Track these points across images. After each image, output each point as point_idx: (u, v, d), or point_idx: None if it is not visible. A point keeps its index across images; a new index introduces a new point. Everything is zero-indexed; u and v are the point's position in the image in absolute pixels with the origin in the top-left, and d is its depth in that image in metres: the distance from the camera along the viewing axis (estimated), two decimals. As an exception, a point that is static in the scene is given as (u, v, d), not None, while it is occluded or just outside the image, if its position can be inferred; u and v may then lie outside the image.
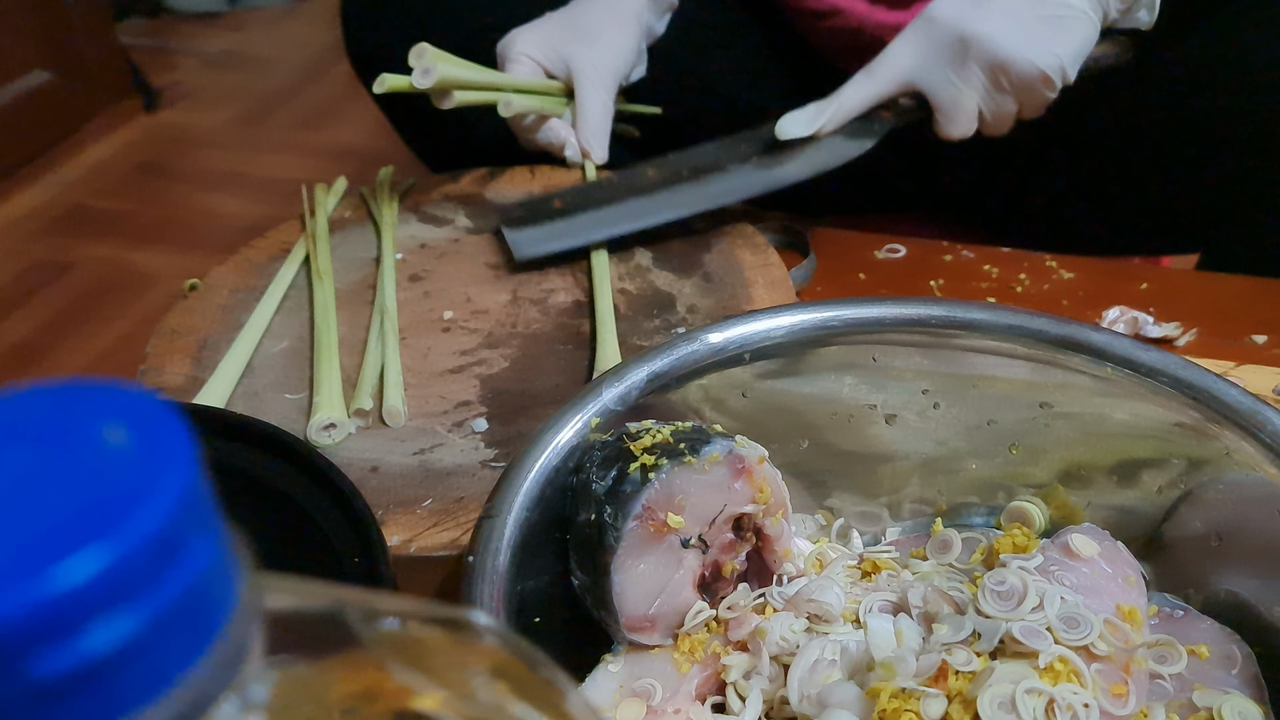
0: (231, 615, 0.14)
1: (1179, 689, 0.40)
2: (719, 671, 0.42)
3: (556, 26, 0.84)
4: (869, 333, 0.51)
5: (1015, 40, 0.69)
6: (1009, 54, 0.68)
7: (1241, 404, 0.45)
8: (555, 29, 0.84)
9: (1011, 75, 0.70)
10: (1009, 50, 0.68)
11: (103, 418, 0.14)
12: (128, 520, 0.12)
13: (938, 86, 0.71)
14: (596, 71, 0.82)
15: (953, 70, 0.70)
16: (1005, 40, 0.68)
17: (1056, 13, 0.69)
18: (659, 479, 0.41)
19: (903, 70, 0.72)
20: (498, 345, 0.69)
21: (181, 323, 0.70)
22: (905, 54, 0.72)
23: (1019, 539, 0.45)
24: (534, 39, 0.83)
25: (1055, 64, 0.69)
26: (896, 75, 0.72)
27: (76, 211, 1.52)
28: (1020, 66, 0.69)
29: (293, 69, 1.95)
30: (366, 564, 0.43)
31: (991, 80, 0.70)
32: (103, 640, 0.12)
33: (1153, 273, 0.80)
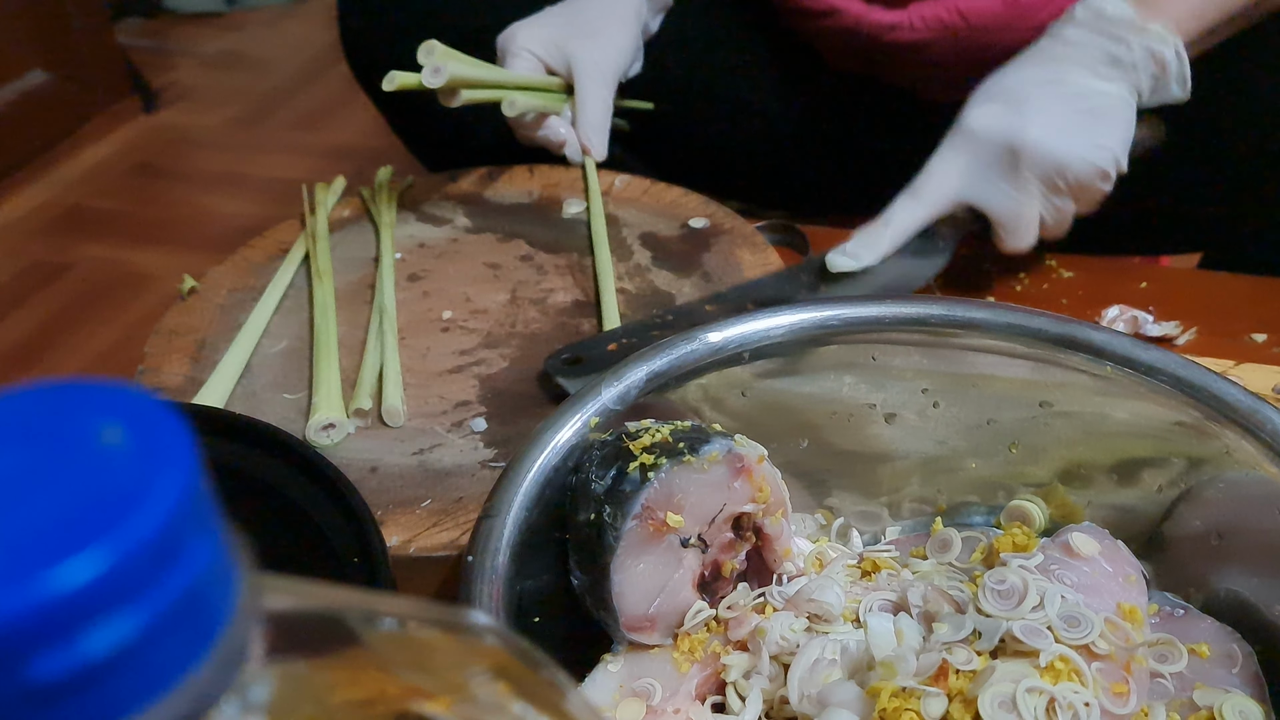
0: (231, 616, 0.14)
1: (1180, 688, 0.40)
2: (719, 671, 0.42)
3: (557, 22, 0.84)
4: (868, 332, 0.50)
5: (1065, 141, 0.65)
6: (1063, 157, 0.65)
7: (1241, 402, 0.45)
8: (556, 24, 0.83)
9: (1069, 177, 0.66)
10: (1062, 153, 0.65)
11: (101, 418, 0.13)
12: (127, 522, 0.12)
13: (994, 201, 0.68)
14: (598, 68, 0.82)
15: (1007, 183, 0.67)
16: (1056, 143, 0.65)
17: (1097, 104, 0.67)
18: (658, 478, 0.41)
19: (951, 189, 0.68)
20: (497, 345, 0.69)
21: (180, 323, 0.70)
22: (951, 172, 0.68)
23: (1019, 538, 0.45)
24: (536, 34, 0.82)
25: (1109, 157, 0.66)
26: (945, 195, 0.69)
27: (75, 212, 1.52)
28: (1077, 167, 0.66)
29: (291, 69, 1.95)
30: (365, 564, 0.43)
31: (1049, 186, 0.67)
32: (102, 642, 0.12)
33: (1152, 272, 0.80)
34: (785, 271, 0.73)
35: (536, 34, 0.83)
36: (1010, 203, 0.68)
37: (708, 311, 0.70)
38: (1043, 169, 0.66)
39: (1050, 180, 0.67)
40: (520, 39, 0.82)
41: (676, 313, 0.70)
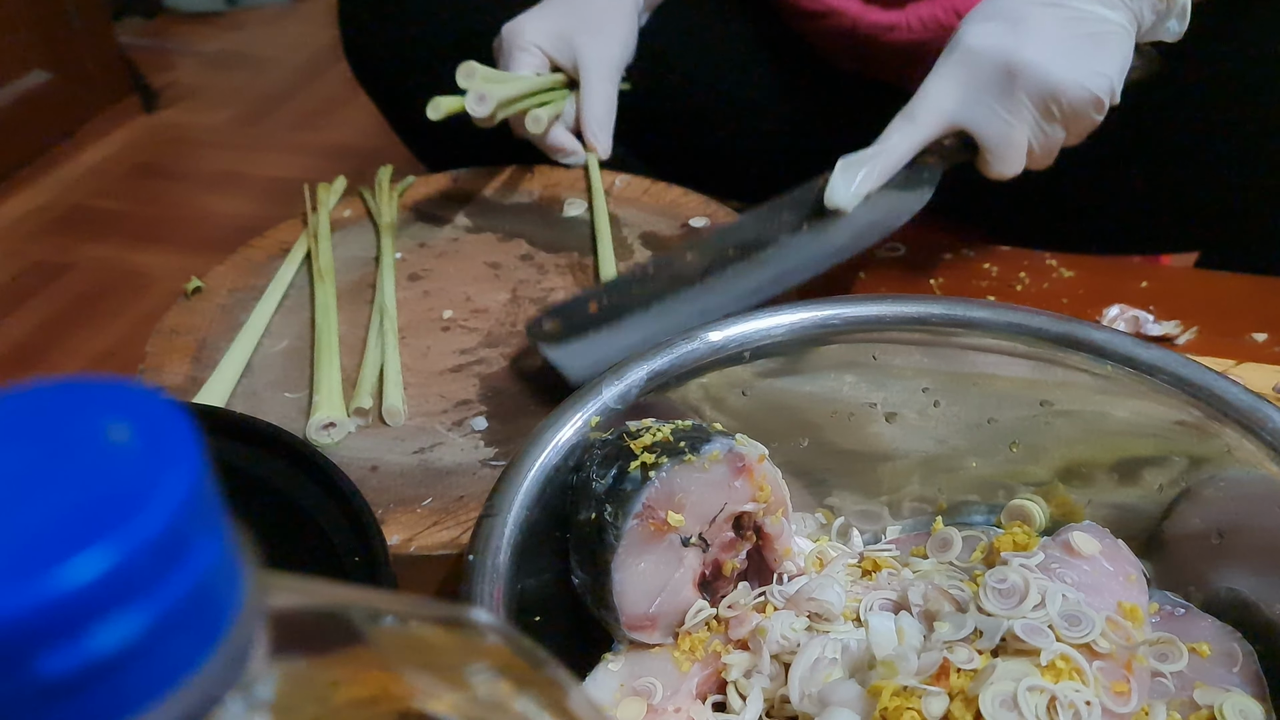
0: (237, 615, 0.14)
1: (1180, 687, 0.40)
2: (719, 670, 0.42)
3: (561, 15, 0.83)
4: (869, 331, 0.51)
5: (1063, 64, 0.63)
6: (1059, 80, 0.63)
7: (1242, 401, 0.45)
8: (561, 18, 0.83)
9: (1063, 103, 0.64)
10: (1059, 76, 0.63)
11: (107, 415, 0.14)
12: (133, 519, 0.12)
13: (985, 123, 0.65)
14: (603, 64, 0.82)
15: (1000, 104, 0.64)
16: (1053, 66, 0.63)
17: (1096, 29, 0.64)
18: (659, 477, 0.41)
19: (945, 111, 0.66)
20: (498, 344, 0.69)
21: (181, 322, 0.70)
22: (946, 92, 0.66)
23: (1019, 537, 0.45)
24: (543, 29, 0.82)
25: (1105, 85, 0.64)
26: (940, 117, 0.66)
27: (75, 212, 1.52)
28: (1073, 92, 0.64)
29: (291, 69, 1.95)
30: (366, 563, 0.43)
31: (1042, 110, 0.65)
32: (108, 639, 0.12)
33: (1153, 271, 0.80)
34: (765, 209, 0.69)
35: (543, 28, 0.82)
36: (1002, 126, 0.65)
37: (688, 260, 0.67)
38: (1038, 92, 0.64)
39: (1044, 104, 0.65)
40: (528, 34, 0.81)
41: (656, 264, 0.67)
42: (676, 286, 0.65)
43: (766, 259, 0.66)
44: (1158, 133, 0.82)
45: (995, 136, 0.66)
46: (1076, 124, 0.67)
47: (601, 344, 0.63)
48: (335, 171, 0.88)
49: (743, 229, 0.69)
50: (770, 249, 0.67)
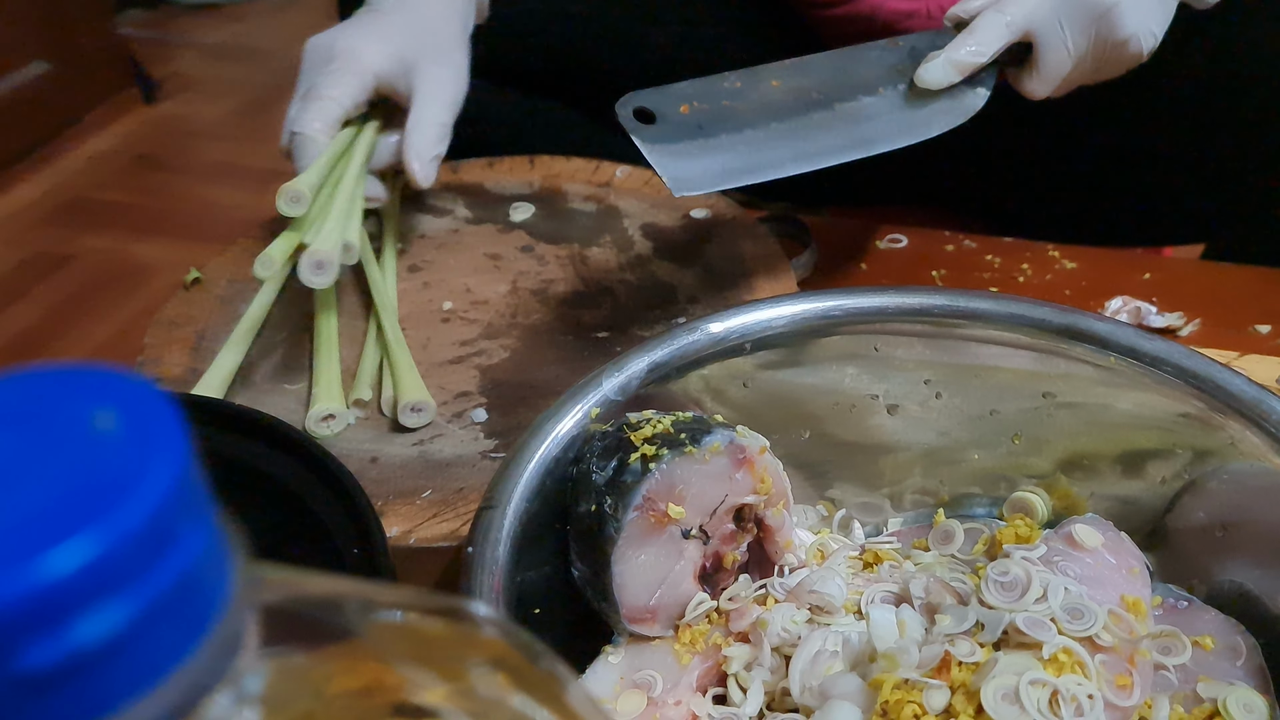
0: (225, 606, 0.14)
1: (1183, 680, 0.40)
2: (720, 663, 0.42)
3: (405, 40, 0.74)
4: (871, 322, 0.50)
5: (1137, 17, 0.64)
6: (1130, 30, 0.64)
7: (1246, 394, 0.44)
8: (405, 43, 0.74)
9: (1119, 51, 0.66)
10: (1133, 26, 0.64)
11: (94, 403, 0.13)
12: (118, 508, 0.12)
13: (1052, 43, 0.65)
14: (445, 95, 0.74)
15: (1071, 31, 0.65)
16: (1130, 15, 0.64)
17: None
18: (660, 469, 0.41)
19: (1033, 18, 0.65)
20: (497, 336, 0.68)
21: (180, 313, 0.70)
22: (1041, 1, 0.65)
23: (1022, 530, 0.45)
24: (385, 52, 0.73)
25: (1152, 45, 0.66)
26: (1027, 20, 0.65)
27: (76, 203, 1.52)
28: (1131, 45, 0.65)
29: (292, 60, 1.94)
30: (366, 555, 0.43)
31: (1097, 50, 0.66)
32: (92, 631, 0.12)
33: (1156, 262, 0.80)
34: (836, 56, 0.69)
35: (386, 52, 0.73)
36: (1063, 51, 0.66)
37: (774, 87, 0.67)
38: (1109, 34, 0.65)
39: (1105, 45, 0.66)
40: (368, 58, 0.72)
41: (741, 78, 0.67)
42: (767, 116, 0.66)
43: (848, 114, 0.67)
44: (1162, 124, 0.82)
45: (1052, 58, 0.66)
46: (1108, 70, 0.68)
47: (700, 156, 0.63)
48: (335, 163, 0.88)
49: (822, 70, 0.69)
50: (850, 104, 0.67)
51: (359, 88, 0.72)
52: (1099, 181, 0.88)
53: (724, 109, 0.65)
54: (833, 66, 0.69)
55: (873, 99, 0.68)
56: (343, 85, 0.71)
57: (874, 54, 0.69)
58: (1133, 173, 0.86)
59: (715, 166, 0.62)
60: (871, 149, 0.65)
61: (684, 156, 0.62)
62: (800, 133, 0.66)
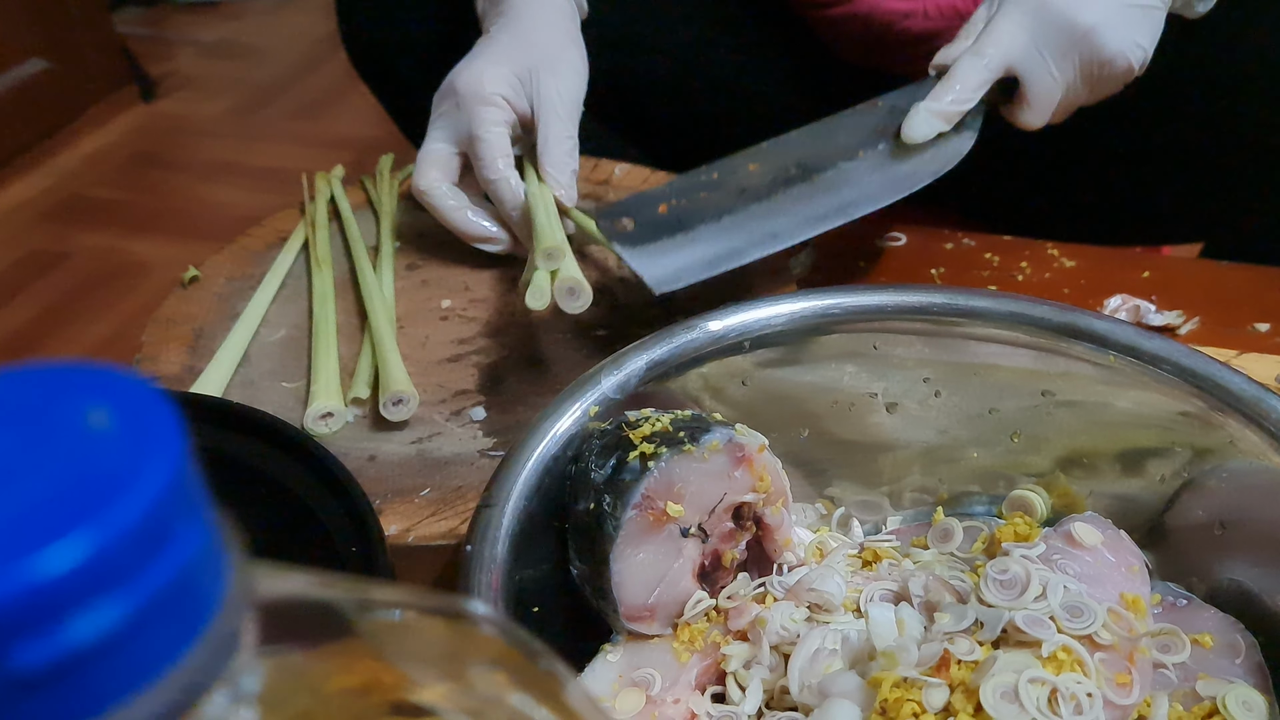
0: (221, 605, 0.14)
1: (1183, 678, 0.40)
2: (719, 661, 0.42)
3: (517, 56, 0.73)
4: (870, 320, 0.50)
5: (1120, 34, 0.65)
6: (1113, 48, 0.65)
7: (1245, 392, 0.44)
8: (518, 59, 0.73)
9: (1108, 70, 0.66)
10: (1114, 44, 0.65)
11: (88, 401, 0.13)
12: (112, 506, 0.12)
13: (1036, 74, 0.66)
14: (565, 103, 0.73)
15: (1054, 59, 0.66)
16: (1112, 34, 0.65)
17: (1145, 1, 0.66)
18: (658, 467, 0.41)
19: (1010, 54, 0.67)
20: (496, 334, 0.68)
21: (177, 311, 0.70)
22: (1016, 36, 0.66)
23: (1021, 528, 0.45)
24: (502, 75, 0.71)
25: (1141, 58, 0.66)
26: (1005, 58, 0.67)
27: (73, 201, 1.52)
28: (1118, 62, 0.66)
29: (290, 59, 1.95)
30: (364, 553, 0.43)
31: (1085, 73, 0.67)
32: (86, 630, 0.12)
33: (1155, 261, 0.80)
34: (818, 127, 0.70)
35: (503, 75, 0.71)
36: (1049, 79, 0.67)
37: (750, 171, 0.68)
38: (1090, 55, 0.66)
39: (1090, 67, 0.66)
40: (489, 83, 0.71)
41: (719, 170, 0.69)
42: (745, 200, 0.67)
43: (827, 183, 0.68)
44: (1161, 123, 0.82)
45: (1040, 88, 0.67)
46: (1102, 89, 0.68)
47: (679, 251, 0.64)
48: (334, 161, 0.88)
49: (800, 145, 0.70)
50: (830, 172, 0.68)
51: (499, 112, 0.71)
52: (1098, 180, 0.88)
53: (701, 201, 0.67)
54: (811, 138, 0.70)
55: (853, 164, 0.68)
56: (487, 116, 0.71)
57: (852, 119, 0.70)
58: (1132, 171, 0.86)
59: (693, 259, 0.64)
60: (853, 213, 0.66)
61: (663, 254, 0.64)
62: (780, 208, 0.67)
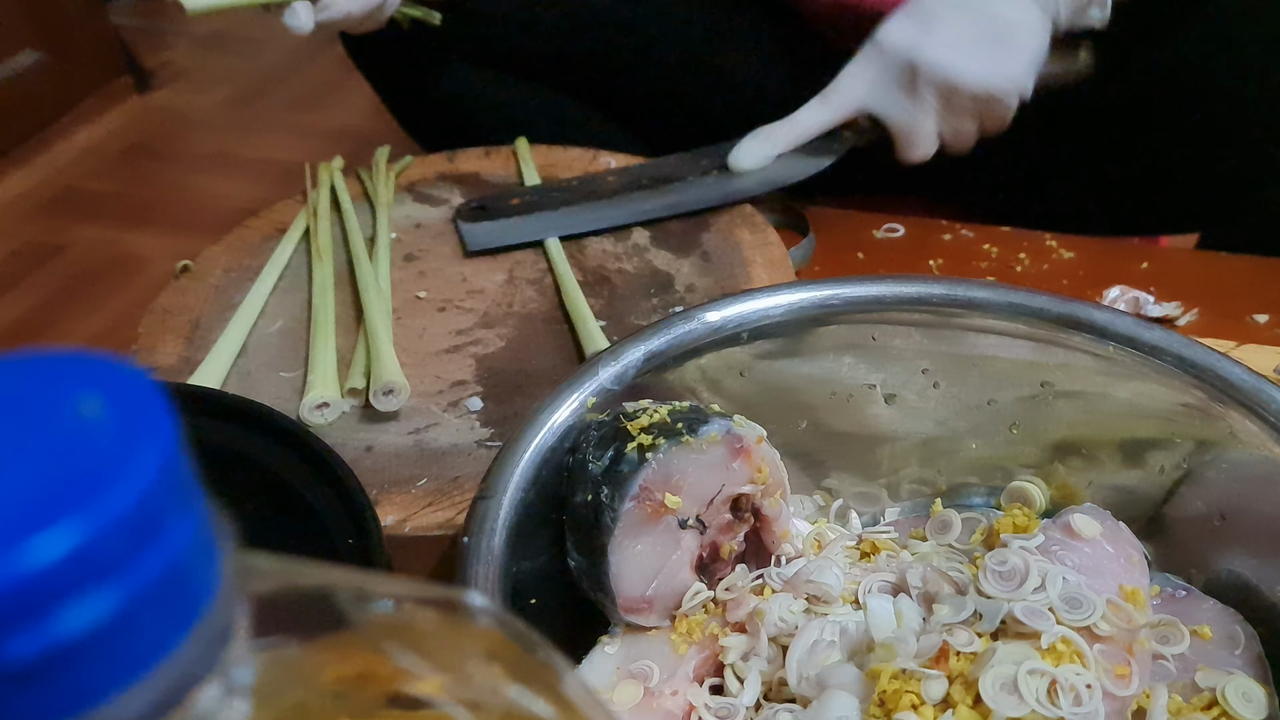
0: (214, 596, 0.14)
1: (1182, 670, 0.40)
2: (717, 653, 0.42)
3: None
4: (868, 311, 0.50)
5: (963, 62, 0.68)
6: (958, 77, 0.68)
7: (1245, 383, 0.44)
8: None
9: (965, 97, 0.69)
10: (957, 73, 0.68)
11: (79, 389, 0.13)
12: (102, 496, 0.12)
13: (892, 112, 0.72)
14: None
15: (904, 96, 0.70)
16: (953, 64, 0.68)
17: (1001, 30, 0.69)
18: (656, 459, 0.41)
19: (856, 98, 0.72)
20: (493, 325, 0.68)
21: (174, 303, 0.70)
22: (858, 81, 0.72)
23: (1019, 519, 0.45)
24: None
25: (1006, 85, 0.69)
26: (850, 102, 0.72)
27: (68, 193, 1.51)
28: (972, 89, 0.69)
29: (285, 50, 1.94)
30: (360, 545, 0.43)
31: (944, 103, 0.70)
32: (76, 621, 0.12)
33: (1153, 252, 0.80)
34: (689, 155, 0.79)
35: None
36: (906, 115, 0.71)
37: (608, 182, 0.78)
38: (937, 87, 0.69)
39: (946, 98, 0.70)
40: None
41: (581, 180, 0.79)
42: (589, 198, 0.76)
43: (669, 190, 0.77)
44: (1157, 112, 0.82)
45: (900, 124, 0.72)
46: (988, 117, 0.72)
47: (505, 227, 0.74)
48: (330, 153, 0.88)
49: (661, 166, 0.79)
50: (677, 184, 0.77)
51: None
52: (1096, 171, 0.88)
53: (550, 198, 0.77)
54: (675, 163, 0.79)
55: (700, 179, 0.78)
56: None
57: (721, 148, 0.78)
58: (1130, 163, 0.86)
59: (514, 231, 0.74)
60: (677, 210, 0.75)
61: (491, 228, 0.75)
62: (615, 204, 0.76)
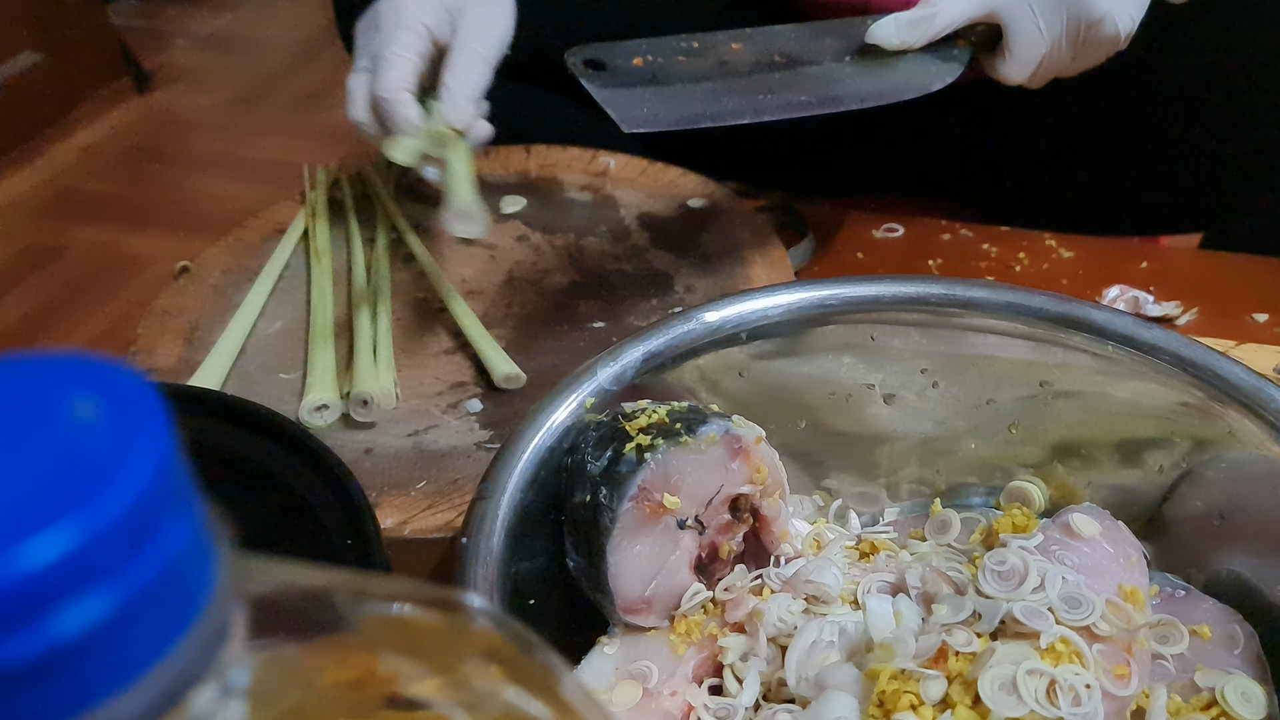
0: (211, 598, 0.14)
1: (1181, 670, 0.40)
2: (716, 653, 0.42)
3: None
4: (867, 311, 0.50)
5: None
6: (1104, 9, 0.64)
7: (1244, 382, 0.44)
8: None
9: (1094, 33, 0.66)
10: (1104, 5, 0.64)
11: (74, 391, 0.13)
12: (98, 497, 0.12)
13: (1022, 24, 0.66)
14: (487, 36, 0.71)
15: (1041, 11, 0.65)
16: None
17: None
18: (655, 459, 0.41)
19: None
20: (493, 326, 0.68)
21: (172, 304, 0.70)
22: None
23: (1019, 519, 0.45)
24: (423, 3, 0.70)
25: (1130, 26, 0.66)
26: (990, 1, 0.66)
27: (68, 194, 1.51)
28: (1107, 26, 0.65)
29: (286, 51, 1.94)
30: (359, 547, 0.43)
31: (1072, 31, 0.66)
32: (72, 623, 0.12)
33: (1153, 251, 0.80)
34: (806, 28, 0.70)
35: (425, 3, 0.71)
36: (1034, 32, 0.66)
37: (734, 50, 0.68)
38: (1079, 14, 0.65)
39: (1078, 27, 0.66)
40: (411, 11, 0.70)
41: (701, 40, 0.68)
42: (725, 73, 0.66)
43: (812, 76, 0.67)
44: (1158, 113, 0.82)
45: (1024, 40, 0.66)
46: (1088, 57, 0.68)
47: (653, 101, 0.62)
48: (330, 154, 0.88)
49: (787, 38, 0.69)
50: (814, 68, 0.67)
51: (415, 39, 0.69)
52: (1096, 171, 0.88)
53: (679, 65, 0.65)
54: (796, 35, 0.69)
55: (838, 65, 0.68)
56: (400, 40, 0.69)
57: (839, 26, 0.69)
58: (1129, 162, 0.86)
59: (670, 110, 0.62)
60: (837, 106, 0.65)
61: (637, 101, 0.62)
62: (762, 87, 0.66)
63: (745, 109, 0.64)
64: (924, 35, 0.67)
